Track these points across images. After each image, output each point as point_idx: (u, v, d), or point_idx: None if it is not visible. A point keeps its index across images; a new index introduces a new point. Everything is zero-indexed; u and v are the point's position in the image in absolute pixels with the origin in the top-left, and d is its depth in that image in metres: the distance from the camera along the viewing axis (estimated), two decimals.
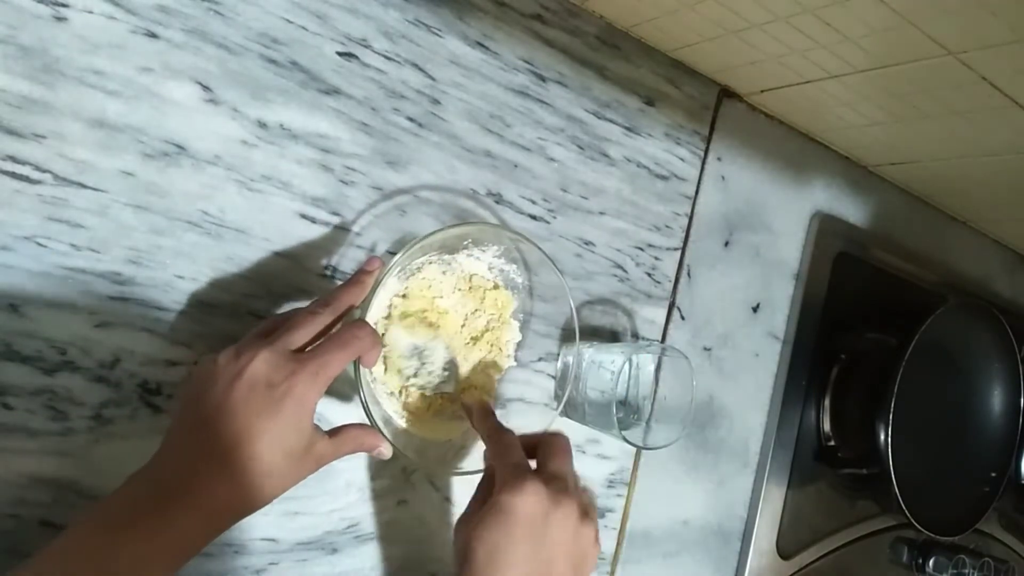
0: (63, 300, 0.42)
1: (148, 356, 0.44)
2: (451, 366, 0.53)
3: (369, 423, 0.45)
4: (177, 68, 0.45)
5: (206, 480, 0.37)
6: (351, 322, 0.43)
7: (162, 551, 0.36)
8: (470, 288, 0.53)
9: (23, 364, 0.41)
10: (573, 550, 0.42)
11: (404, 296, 0.51)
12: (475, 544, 0.40)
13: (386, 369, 0.51)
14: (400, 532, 0.52)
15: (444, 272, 0.53)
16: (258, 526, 0.47)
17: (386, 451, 0.45)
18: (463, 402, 0.51)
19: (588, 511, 0.43)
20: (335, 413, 0.50)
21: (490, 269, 0.55)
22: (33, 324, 0.41)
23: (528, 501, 0.41)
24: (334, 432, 0.43)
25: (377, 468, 0.51)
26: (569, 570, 0.42)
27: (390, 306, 0.51)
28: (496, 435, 0.47)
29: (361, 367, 0.44)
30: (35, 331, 0.41)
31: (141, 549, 0.35)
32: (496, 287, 0.55)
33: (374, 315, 0.50)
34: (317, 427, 0.41)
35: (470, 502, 0.46)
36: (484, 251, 0.53)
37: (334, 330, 0.43)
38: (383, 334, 0.50)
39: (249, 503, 0.38)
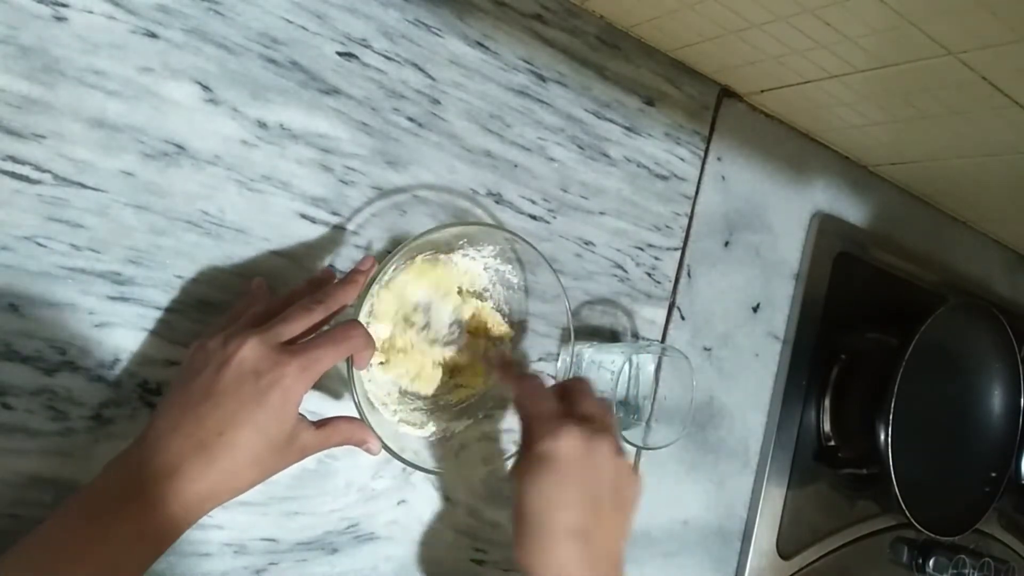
0: (63, 300, 0.42)
1: (148, 356, 0.44)
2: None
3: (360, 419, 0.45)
4: (177, 68, 0.45)
5: (189, 465, 0.37)
6: (346, 321, 0.43)
7: (147, 534, 0.36)
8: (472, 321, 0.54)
9: (23, 364, 0.41)
10: (616, 486, 0.44)
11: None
12: (525, 497, 0.43)
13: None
14: (400, 532, 0.52)
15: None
16: (258, 526, 0.47)
17: (375, 447, 0.45)
18: (490, 359, 0.51)
19: (621, 447, 0.45)
20: (327, 411, 0.50)
21: (485, 269, 0.55)
22: (33, 324, 0.41)
23: (568, 445, 0.42)
24: (322, 424, 0.43)
25: (377, 468, 0.51)
26: (615, 506, 0.44)
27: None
28: (523, 383, 0.47)
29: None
30: (35, 331, 0.41)
31: (127, 532, 0.36)
32: (501, 323, 0.55)
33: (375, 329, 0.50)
34: (303, 418, 0.41)
35: (519, 450, 0.47)
36: (480, 251, 0.53)
37: (325, 328, 0.43)
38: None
39: (230, 489, 0.39)
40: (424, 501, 0.53)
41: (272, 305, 0.43)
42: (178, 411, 0.38)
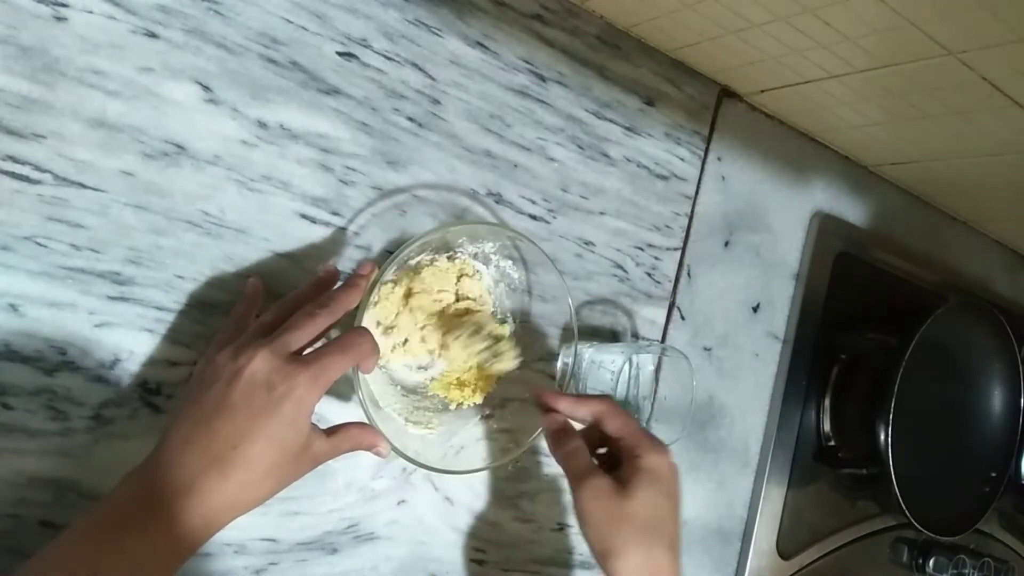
0: (63, 300, 0.42)
1: (148, 356, 0.44)
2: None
3: (368, 422, 0.45)
4: (177, 68, 0.45)
5: (205, 478, 0.37)
6: (353, 328, 0.43)
7: (164, 549, 0.36)
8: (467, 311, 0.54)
9: (23, 364, 0.41)
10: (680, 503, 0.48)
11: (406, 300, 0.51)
12: (636, 504, 0.44)
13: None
14: (400, 532, 0.52)
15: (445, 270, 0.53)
16: (258, 526, 0.47)
17: (384, 450, 0.45)
18: (536, 395, 0.52)
19: None
20: (334, 413, 0.50)
21: (486, 266, 0.54)
22: (33, 324, 0.41)
23: (670, 462, 0.47)
24: (332, 431, 0.43)
25: (377, 468, 0.51)
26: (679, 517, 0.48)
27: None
28: (603, 403, 0.49)
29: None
30: (35, 331, 0.41)
31: (143, 548, 0.35)
32: (495, 319, 0.55)
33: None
34: (315, 427, 0.41)
35: (586, 474, 0.46)
36: (479, 247, 0.53)
37: (332, 333, 0.43)
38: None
39: (246, 501, 0.39)
40: (424, 501, 0.53)
41: (278, 314, 0.43)
42: (191, 425, 0.38)
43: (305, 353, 0.41)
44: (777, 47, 0.58)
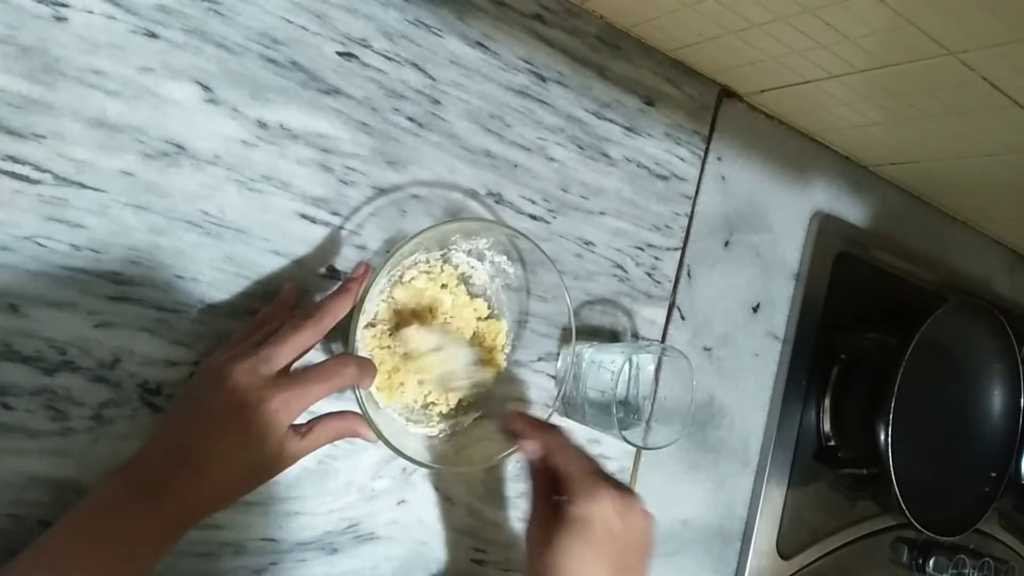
0: (63, 300, 0.42)
1: (148, 356, 0.44)
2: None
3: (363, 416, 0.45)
4: (177, 68, 0.45)
5: (179, 476, 0.38)
6: (336, 356, 0.44)
7: (145, 534, 0.38)
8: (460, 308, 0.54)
9: (23, 364, 0.41)
10: (641, 547, 0.44)
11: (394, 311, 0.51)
12: (559, 557, 0.41)
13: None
14: (400, 532, 0.52)
15: (434, 271, 0.53)
16: (258, 526, 0.47)
17: (367, 434, 0.45)
18: (507, 415, 0.50)
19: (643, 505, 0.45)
20: (336, 407, 0.50)
21: (481, 261, 0.54)
22: (33, 324, 0.41)
23: (605, 508, 0.42)
24: (308, 429, 0.43)
25: (377, 468, 0.51)
26: (640, 567, 0.44)
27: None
28: (551, 436, 0.47)
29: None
30: (35, 331, 0.41)
31: (128, 528, 0.37)
32: (488, 317, 0.54)
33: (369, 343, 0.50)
34: (287, 431, 0.41)
35: (535, 506, 0.46)
36: (474, 243, 0.53)
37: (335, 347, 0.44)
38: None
39: (219, 501, 0.41)
40: (424, 501, 0.53)
41: (280, 322, 0.44)
42: (172, 428, 0.40)
43: (292, 370, 0.42)
44: (777, 47, 0.58)
